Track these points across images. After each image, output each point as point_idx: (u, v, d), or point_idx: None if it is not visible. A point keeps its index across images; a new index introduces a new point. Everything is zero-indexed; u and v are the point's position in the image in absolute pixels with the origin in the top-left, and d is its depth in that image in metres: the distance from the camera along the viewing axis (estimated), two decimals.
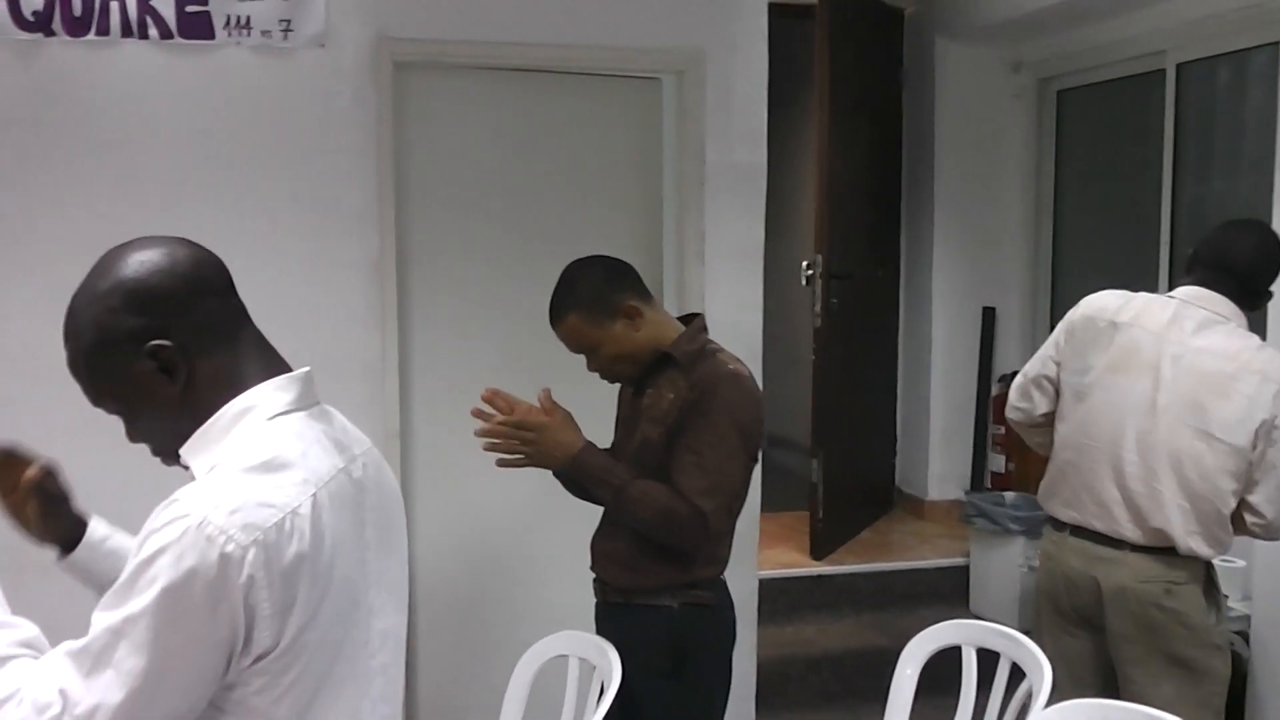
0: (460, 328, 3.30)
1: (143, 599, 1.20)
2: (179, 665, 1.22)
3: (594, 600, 2.51)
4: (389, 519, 1.49)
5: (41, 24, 2.92)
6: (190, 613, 1.20)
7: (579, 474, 2.32)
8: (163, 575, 1.20)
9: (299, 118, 3.08)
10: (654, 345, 2.35)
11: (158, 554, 1.20)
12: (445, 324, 3.30)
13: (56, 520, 1.58)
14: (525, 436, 2.28)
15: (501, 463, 2.32)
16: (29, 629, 1.37)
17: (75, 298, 1.36)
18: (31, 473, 1.56)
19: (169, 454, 1.39)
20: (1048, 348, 2.84)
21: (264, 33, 3.01)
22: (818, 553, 4.78)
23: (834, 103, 4.74)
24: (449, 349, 3.30)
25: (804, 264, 4.81)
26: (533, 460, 2.31)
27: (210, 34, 2.99)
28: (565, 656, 2.54)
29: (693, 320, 2.44)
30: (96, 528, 1.61)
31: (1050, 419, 2.83)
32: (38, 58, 2.94)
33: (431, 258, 3.26)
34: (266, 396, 1.36)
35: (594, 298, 2.32)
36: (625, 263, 2.44)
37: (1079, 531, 2.73)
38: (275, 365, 1.41)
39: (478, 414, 2.31)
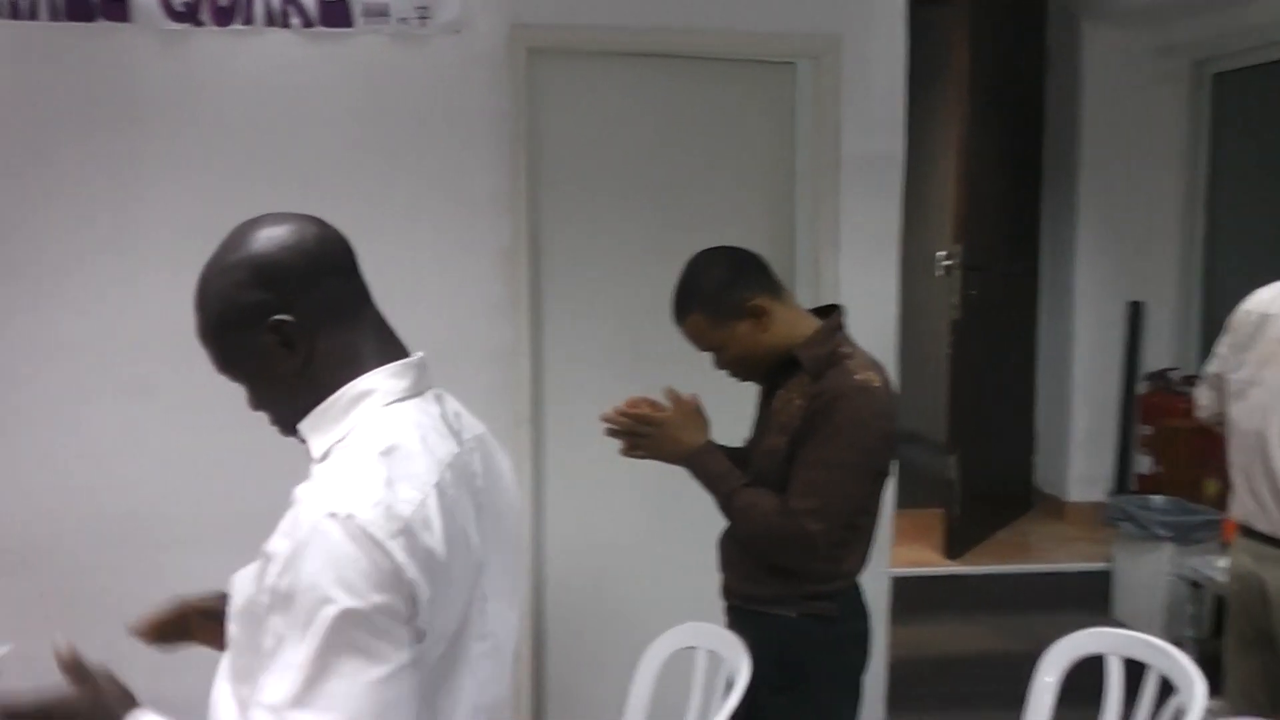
0: (592, 314, 3.29)
1: (329, 614, 1.16)
2: (394, 648, 1.19)
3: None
4: (501, 504, 1.47)
5: (190, 14, 3.00)
6: (375, 604, 1.17)
7: (693, 474, 2.24)
8: (337, 583, 1.16)
9: (433, 104, 3.10)
10: (783, 345, 2.21)
11: (320, 570, 1.17)
12: (577, 310, 3.29)
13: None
14: (645, 430, 2.24)
15: (624, 451, 2.29)
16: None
17: (206, 269, 1.38)
18: (197, 609, 1.60)
19: (287, 426, 1.39)
20: (1217, 344, 2.78)
21: (401, 20, 3.05)
22: (953, 552, 4.64)
23: (974, 88, 4.59)
24: (581, 335, 3.29)
25: (940, 255, 4.67)
26: (650, 453, 2.26)
27: (349, 22, 3.03)
28: (693, 648, 2.51)
29: (829, 315, 2.29)
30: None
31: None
32: (186, 47, 3.02)
33: (564, 244, 3.26)
34: (384, 382, 1.35)
35: (717, 296, 2.20)
36: (753, 255, 2.29)
37: (1248, 531, 2.65)
38: (393, 348, 1.40)
39: (611, 419, 2.27)
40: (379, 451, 1.26)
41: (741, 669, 2.24)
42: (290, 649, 1.16)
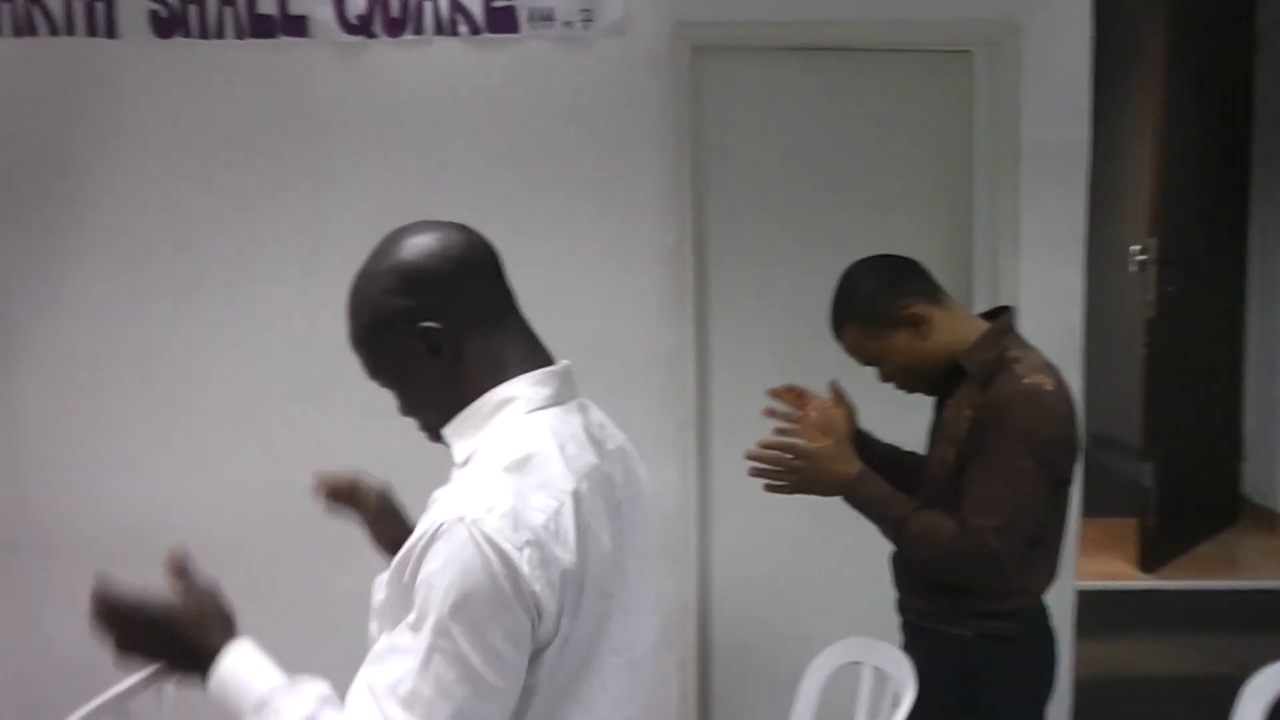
0: (760, 317, 3.22)
1: (437, 615, 1.18)
2: (492, 668, 1.20)
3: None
4: (640, 516, 1.46)
5: (364, 27, 3.08)
6: (487, 616, 1.19)
7: (854, 506, 2.13)
8: (452, 587, 1.18)
9: (597, 107, 3.09)
10: (947, 353, 2.10)
11: (440, 569, 1.19)
12: (744, 314, 3.23)
13: (394, 534, 1.61)
14: (793, 464, 2.15)
15: (769, 488, 2.19)
16: (322, 684, 1.32)
17: (357, 277, 1.40)
18: (370, 492, 1.64)
19: (433, 431, 1.41)
20: None
21: (565, 23, 3.05)
22: (1148, 565, 4.39)
23: (1171, 70, 4.32)
24: (748, 339, 3.23)
25: (1134, 250, 4.41)
26: (801, 489, 2.16)
27: (515, 27, 3.05)
28: (859, 664, 2.42)
29: (998, 318, 2.16)
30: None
31: None
32: (360, 59, 3.10)
33: (730, 245, 3.20)
34: (526, 390, 1.36)
35: (871, 307, 2.11)
36: (908, 260, 2.19)
37: None
38: (537, 356, 1.40)
39: (770, 414, 2.21)
40: (514, 460, 1.27)
41: (908, 687, 2.14)
42: (401, 640, 1.20)
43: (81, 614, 3.63)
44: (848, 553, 3.09)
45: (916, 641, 2.24)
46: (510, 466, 1.26)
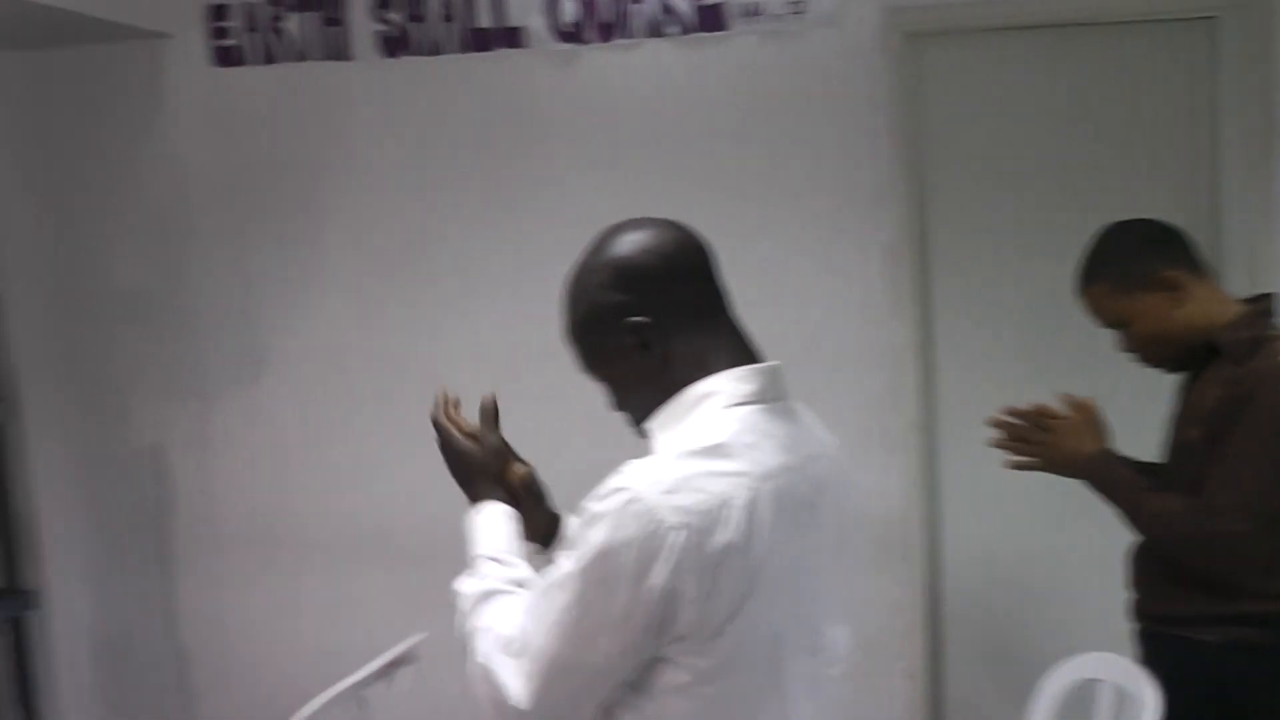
0: (988, 312, 3.07)
1: (579, 560, 1.27)
2: (602, 628, 1.26)
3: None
4: (843, 527, 1.43)
5: (576, 34, 3.12)
6: (617, 580, 1.24)
7: (1090, 484, 2.02)
8: (598, 541, 1.25)
9: (809, 100, 3.03)
10: (1200, 327, 1.98)
11: (596, 520, 1.26)
12: (971, 308, 3.08)
13: (536, 518, 1.66)
14: (1037, 437, 2.04)
15: (1010, 464, 2.10)
16: (523, 570, 1.48)
17: (572, 271, 1.45)
18: (520, 471, 1.66)
19: (639, 425, 1.43)
20: None
21: (775, 17, 3.00)
22: None
23: None
24: (975, 335, 3.08)
25: None
26: (1042, 463, 2.06)
27: (723, 25, 3.02)
28: (1097, 681, 2.27)
29: (1258, 303, 2.02)
30: (570, 524, 1.66)
31: None
32: (573, 65, 3.15)
33: (953, 238, 3.07)
34: (727, 385, 1.36)
35: (1126, 264, 2.01)
36: (1174, 227, 2.07)
37: None
38: (745, 354, 1.41)
39: (998, 423, 2.11)
40: (699, 447, 1.29)
41: (1150, 709, 1.99)
42: (552, 577, 1.30)
43: (331, 607, 3.87)
44: (1089, 560, 2.92)
45: (1157, 653, 2.09)
46: (693, 452, 1.28)
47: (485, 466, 1.62)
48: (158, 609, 3.61)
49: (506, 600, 1.41)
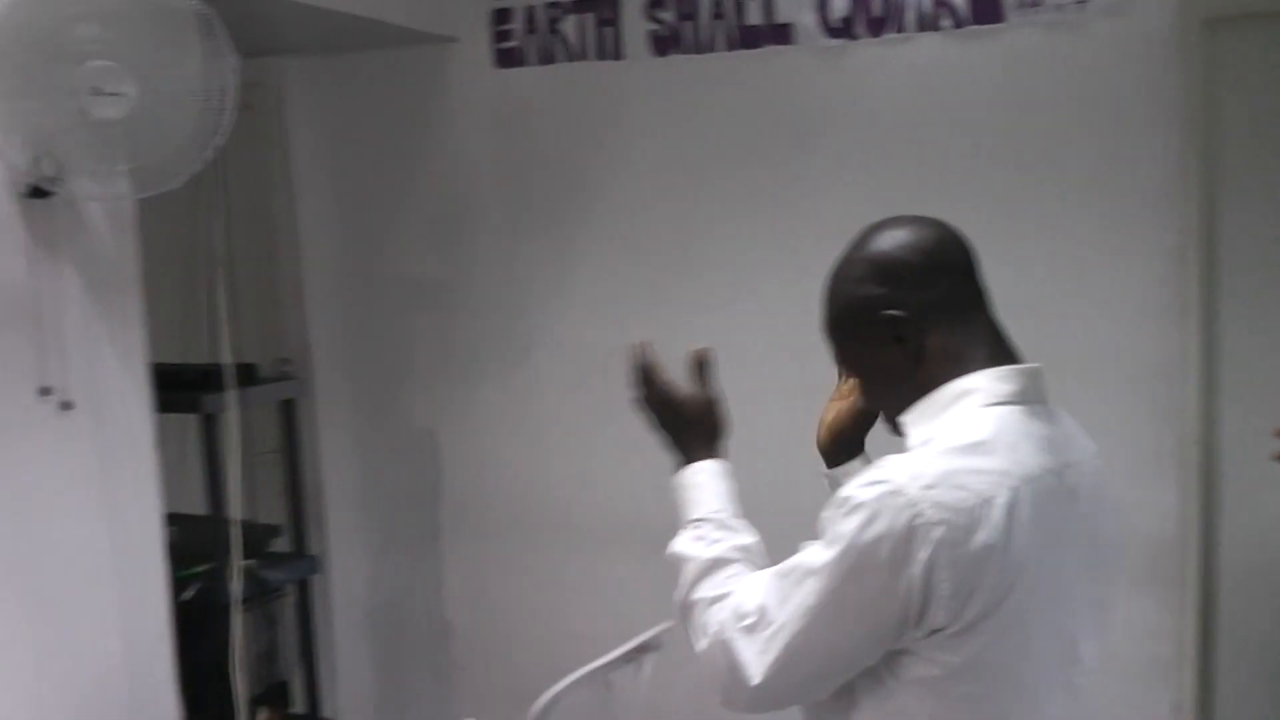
0: None
1: (834, 547, 1.26)
2: (850, 616, 1.26)
3: None
4: (1101, 535, 1.39)
5: (846, 29, 3.09)
6: (870, 571, 1.24)
7: None
8: (854, 530, 1.25)
9: (1091, 96, 2.88)
10: None
11: (855, 509, 1.25)
12: (1263, 316, 2.85)
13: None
14: None
15: None
16: (749, 535, 1.50)
17: (834, 265, 1.47)
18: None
19: (892, 421, 1.44)
20: None
21: (1056, 7, 2.87)
22: None
23: None
24: (1266, 346, 2.86)
25: None
26: None
27: (1000, 17, 2.92)
28: None
29: None
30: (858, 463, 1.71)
31: None
32: (842, 61, 3.12)
33: (1247, 241, 2.83)
34: (986, 384, 1.35)
35: None
36: None
37: None
38: (1003, 354, 1.39)
39: None
40: (959, 444, 1.28)
41: None
42: (803, 557, 1.31)
43: (584, 591, 3.99)
44: None
45: None
46: (954, 449, 1.28)
47: (699, 419, 1.59)
48: (425, 582, 3.83)
49: (736, 570, 1.42)
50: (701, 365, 1.61)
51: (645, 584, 3.35)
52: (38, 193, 2.18)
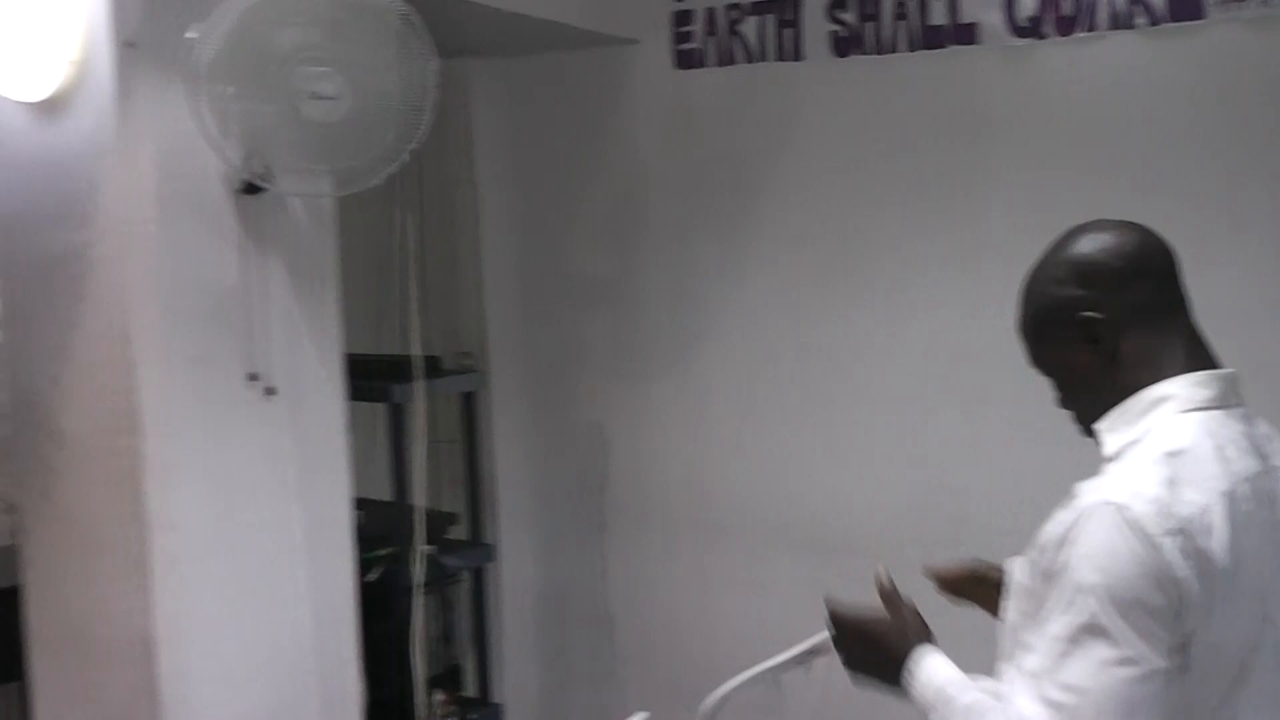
0: None
1: (1085, 598, 1.22)
2: (1148, 645, 1.21)
3: None
4: None
5: (1034, 29, 3.02)
6: (1134, 598, 1.21)
7: None
8: (1099, 570, 1.22)
9: None
10: None
11: (1086, 554, 1.23)
12: None
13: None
14: None
15: None
16: (992, 683, 1.40)
17: (1032, 268, 1.48)
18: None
19: (1085, 423, 1.43)
20: None
21: (1263, 2, 2.74)
22: None
23: None
24: None
25: None
26: None
27: (1200, 13, 2.80)
28: None
29: None
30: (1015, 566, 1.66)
31: None
32: (1027, 61, 3.04)
33: None
34: (1184, 389, 1.35)
35: None
36: None
37: None
38: (1200, 359, 1.39)
39: None
40: (1166, 452, 1.27)
41: None
42: (1050, 624, 1.25)
43: (744, 589, 3.99)
44: None
45: None
46: (1162, 458, 1.27)
47: (905, 631, 1.52)
48: (590, 573, 3.89)
49: (991, 705, 1.33)
50: (888, 592, 1.58)
51: (807, 585, 3.34)
52: (251, 189, 2.32)
